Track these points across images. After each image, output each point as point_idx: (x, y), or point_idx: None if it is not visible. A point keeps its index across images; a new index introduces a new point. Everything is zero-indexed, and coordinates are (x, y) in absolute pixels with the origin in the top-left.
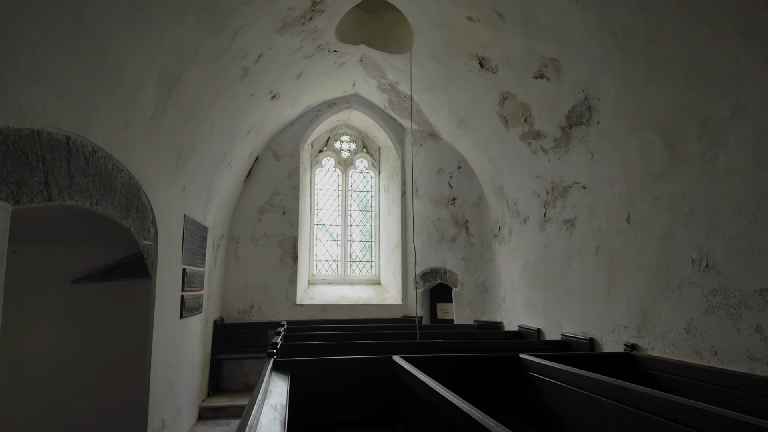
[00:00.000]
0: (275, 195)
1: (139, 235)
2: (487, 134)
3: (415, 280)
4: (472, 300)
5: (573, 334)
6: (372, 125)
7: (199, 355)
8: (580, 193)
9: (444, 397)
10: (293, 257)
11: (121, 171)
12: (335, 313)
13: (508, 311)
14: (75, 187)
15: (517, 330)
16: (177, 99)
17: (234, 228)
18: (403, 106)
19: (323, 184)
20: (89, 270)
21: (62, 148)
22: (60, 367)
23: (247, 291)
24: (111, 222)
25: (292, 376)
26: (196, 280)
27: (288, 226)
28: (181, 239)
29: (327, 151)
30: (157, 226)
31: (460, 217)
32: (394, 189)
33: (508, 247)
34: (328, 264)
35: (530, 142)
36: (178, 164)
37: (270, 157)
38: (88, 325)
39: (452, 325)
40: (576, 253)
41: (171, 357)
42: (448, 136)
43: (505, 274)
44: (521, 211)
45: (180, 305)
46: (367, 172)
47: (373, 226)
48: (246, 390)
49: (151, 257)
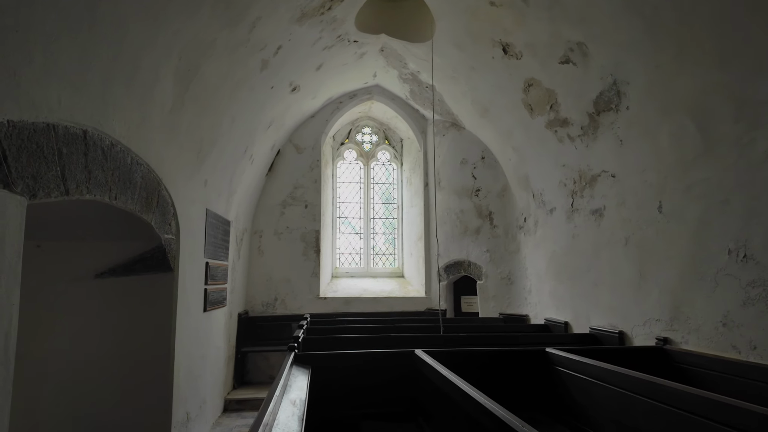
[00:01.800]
0: (297, 188)
1: (161, 229)
2: (511, 123)
3: (439, 272)
4: (497, 292)
5: (602, 328)
6: (393, 116)
7: (223, 348)
8: (609, 182)
9: (467, 393)
10: (316, 250)
11: (140, 165)
12: (358, 306)
13: (534, 304)
14: (93, 182)
15: (543, 323)
16: (196, 92)
17: (257, 221)
18: (425, 96)
19: (345, 176)
20: (112, 264)
21: (79, 141)
22: (83, 361)
23: (271, 284)
24: (132, 216)
25: (312, 370)
26: (219, 274)
27: (310, 219)
28: (204, 233)
29: (349, 144)
30: (178, 219)
31: (484, 208)
32: (417, 181)
33: (534, 239)
34: (350, 257)
35: (556, 130)
36: (199, 158)
37: (291, 150)
38: (111, 320)
39: (476, 318)
40: (605, 244)
41: (195, 350)
42: (471, 125)
43: (531, 266)
44: (547, 202)
45: (203, 299)
46: (389, 164)
47: (395, 218)
48: (271, 382)
49: (173, 251)
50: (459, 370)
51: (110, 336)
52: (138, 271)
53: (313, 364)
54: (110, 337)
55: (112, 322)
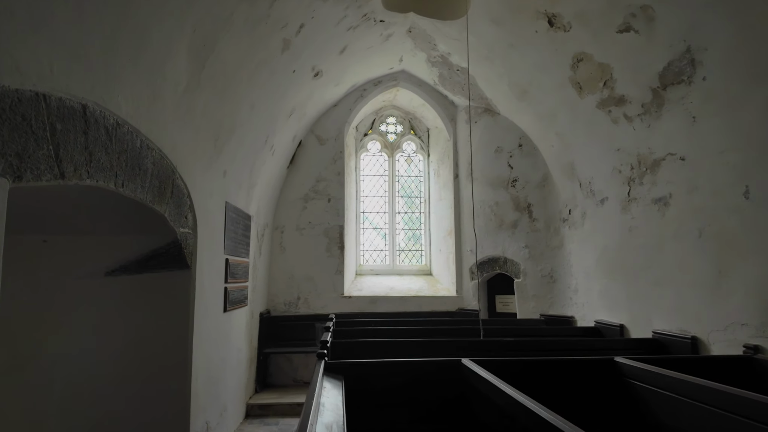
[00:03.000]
0: (320, 181)
1: (176, 222)
2: (555, 105)
3: (471, 270)
4: (538, 292)
5: (668, 332)
6: (420, 104)
7: (245, 350)
8: (677, 166)
9: (532, 410)
10: (340, 247)
11: (151, 149)
12: (384, 306)
13: (580, 304)
14: (95, 165)
15: (593, 326)
16: (212, 71)
17: (278, 216)
18: (455, 81)
19: (369, 169)
20: (123, 261)
21: (77, 117)
22: (93, 366)
23: (293, 282)
24: (143, 207)
25: (345, 381)
26: (240, 271)
27: (333, 213)
28: (223, 227)
29: (372, 134)
30: (195, 212)
31: (521, 200)
32: (445, 172)
33: (581, 233)
34: (375, 254)
35: (610, 109)
36: (216, 146)
37: (313, 141)
38: (123, 321)
39: (517, 320)
40: (670, 237)
41: (214, 353)
42: (507, 110)
43: (577, 262)
44: (597, 191)
45: (223, 298)
46: (415, 155)
47: (422, 213)
48: (294, 385)
49: (190, 246)
50: (514, 383)
51: (122, 339)
52: (152, 268)
53: (346, 374)
54: (122, 340)
55: (125, 324)
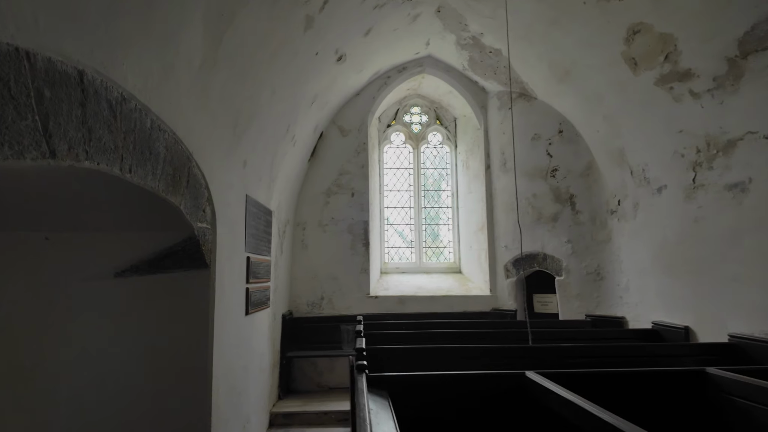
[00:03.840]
0: (342, 175)
1: (192, 215)
2: (603, 85)
3: (506, 267)
4: (582, 290)
5: (749, 335)
6: (447, 92)
7: (267, 355)
8: (759, 146)
9: None
10: (364, 244)
11: (163, 131)
12: (413, 306)
13: (633, 304)
14: (96, 145)
15: (651, 328)
16: (230, 49)
17: (300, 212)
18: (488, 64)
19: (392, 162)
20: (135, 260)
21: (72, 85)
22: (102, 378)
23: (316, 282)
24: (155, 198)
25: (392, 398)
26: (261, 271)
27: (357, 209)
28: (244, 223)
29: (396, 125)
30: (214, 205)
31: (563, 191)
32: (475, 163)
33: (633, 225)
34: (401, 251)
35: (672, 86)
36: (236, 133)
37: (335, 132)
38: (135, 327)
39: (560, 322)
40: (751, 228)
41: (237, 360)
42: (546, 94)
43: (628, 258)
44: (653, 179)
45: (245, 299)
46: (441, 146)
47: (449, 207)
48: (319, 391)
49: (209, 243)
50: (592, 399)
51: (135, 347)
52: (167, 267)
53: (392, 390)
54: (135, 348)
55: (137, 330)
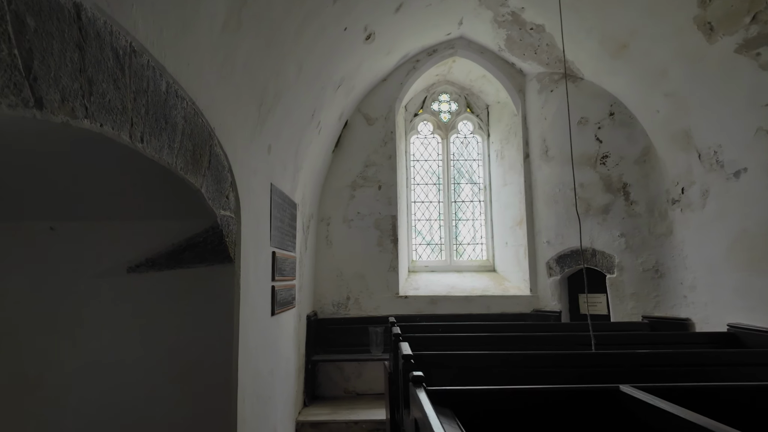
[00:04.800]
0: (369, 167)
1: (215, 201)
2: (667, 58)
3: (549, 265)
4: (638, 289)
5: None
6: (480, 77)
7: (293, 359)
8: None
9: None
10: (393, 240)
11: (181, 99)
12: (446, 307)
13: (701, 304)
14: (98, 101)
15: (726, 331)
16: (256, 11)
17: (324, 207)
18: (527, 42)
19: (420, 153)
20: (150, 253)
21: (65, 20)
22: (116, 386)
23: (342, 281)
24: (173, 179)
25: (459, 417)
26: (287, 268)
27: (385, 202)
28: (269, 214)
29: (423, 114)
30: (238, 192)
31: (614, 179)
32: (512, 153)
33: (700, 215)
34: (430, 248)
35: (759, 52)
36: (260, 113)
37: (361, 121)
38: (152, 330)
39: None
40: None
41: (263, 366)
42: (595, 72)
43: (695, 252)
44: (728, 162)
45: (271, 299)
46: (472, 136)
47: (481, 201)
48: (346, 397)
49: (233, 234)
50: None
51: (151, 353)
52: (186, 262)
53: (457, 408)
54: (151, 354)
55: (154, 333)
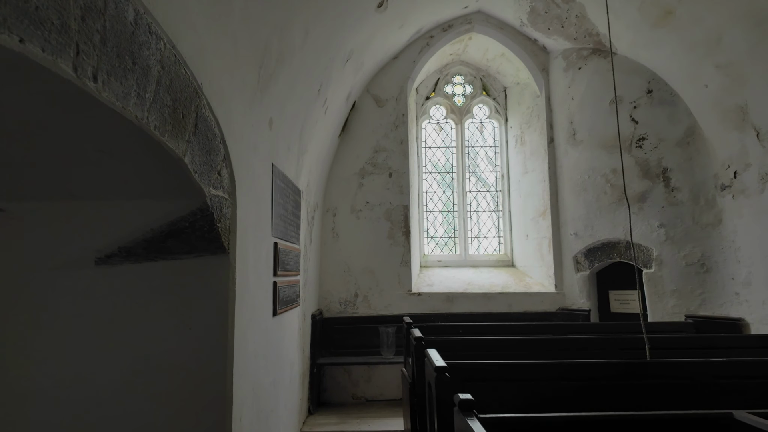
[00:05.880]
0: (378, 152)
1: (203, 176)
2: (722, 23)
3: (576, 259)
4: (680, 286)
5: None
6: (498, 55)
7: (297, 364)
8: None
9: None
10: (405, 232)
11: (157, 38)
12: (462, 305)
13: (758, 302)
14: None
15: None
16: None
17: (329, 196)
18: (554, 15)
19: (432, 140)
20: (125, 240)
21: None
22: (83, 407)
23: (350, 276)
24: (147, 141)
25: None
26: (291, 261)
27: (396, 191)
28: (270, 199)
29: (435, 98)
30: (233, 168)
31: (652, 164)
32: (534, 137)
33: (758, 202)
34: (443, 241)
35: None
36: (261, 77)
37: (370, 103)
38: (127, 337)
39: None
40: None
41: (264, 375)
42: (632, 46)
43: (750, 244)
44: None
45: (272, 297)
46: (489, 121)
47: (498, 190)
48: (355, 404)
49: (226, 219)
50: None
51: (126, 365)
52: (171, 252)
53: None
54: (126, 367)
55: (129, 341)
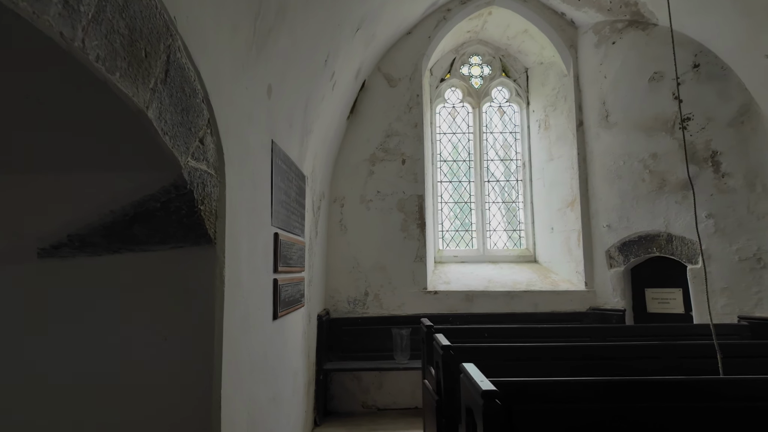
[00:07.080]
0: (390, 136)
1: (178, 142)
2: None
3: (609, 254)
4: (732, 283)
5: None
6: (519, 32)
7: (302, 372)
8: None
9: None
10: (419, 224)
11: None
12: (483, 304)
13: None
14: None
15: None
16: None
17: (336, 185)
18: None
19: (447, 125)
20: (77, 225)
21: None
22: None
23: (359, 273)
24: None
25: None
26: (294, 256)
27: (410, 179)
28: (270, 181)
29: (451, 80)
30: (220, 137)
31: (699, 147)
32: (560, 121)
33: None
34: (459, 235)
35: None
36: (258, 29)
37: (381, 82)
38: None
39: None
40: None
41: (261, 391)
42: (675, 14)
43: None
44: None
45: (273, 297)
46: (509, 105)
47: (519, 180)
48: (365, 413)
49: (212, 201)
50: None
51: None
52: (137, 241)
53: None
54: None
55: (85, 356)
